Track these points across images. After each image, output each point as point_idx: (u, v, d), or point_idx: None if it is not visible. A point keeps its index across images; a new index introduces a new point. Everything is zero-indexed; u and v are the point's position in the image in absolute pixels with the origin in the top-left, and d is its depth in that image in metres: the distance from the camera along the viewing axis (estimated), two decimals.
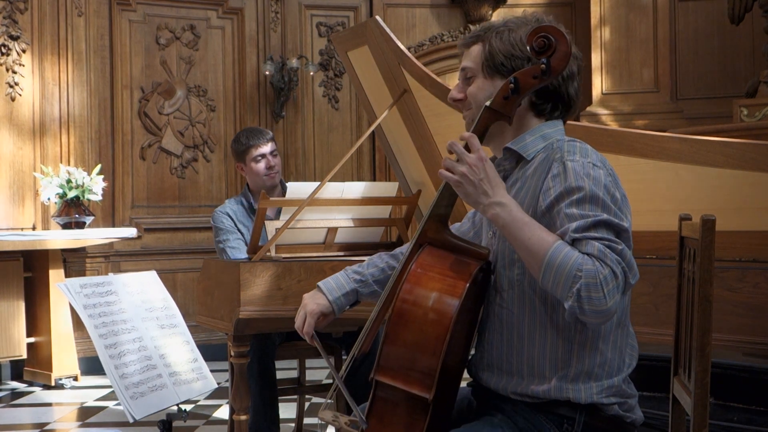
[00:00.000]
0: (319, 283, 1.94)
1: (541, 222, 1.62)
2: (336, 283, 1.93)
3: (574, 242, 1.53)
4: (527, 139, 1.74)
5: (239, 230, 3.54)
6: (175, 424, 2.56)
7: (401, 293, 1.65)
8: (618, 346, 1.69)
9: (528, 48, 1.66)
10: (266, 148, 3.56)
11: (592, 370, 1.65)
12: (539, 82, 1.66)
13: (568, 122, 1.84)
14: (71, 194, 5.53)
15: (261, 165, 3.55)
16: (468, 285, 1.62)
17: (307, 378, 3.83)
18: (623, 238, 1.56)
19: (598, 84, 6.32)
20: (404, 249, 1.98)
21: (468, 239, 1.81)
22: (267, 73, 6.65)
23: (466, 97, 1.78)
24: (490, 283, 1.75)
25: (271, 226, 3.09)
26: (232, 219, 3.56)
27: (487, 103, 1.68)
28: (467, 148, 1.62)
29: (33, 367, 5.66)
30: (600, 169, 1.62)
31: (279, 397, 3.49)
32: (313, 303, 1.90)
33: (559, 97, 1.74)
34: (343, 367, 1.89)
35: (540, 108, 1.75)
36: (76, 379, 5.62)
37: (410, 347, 1.62)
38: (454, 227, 1.94)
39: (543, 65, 1.64)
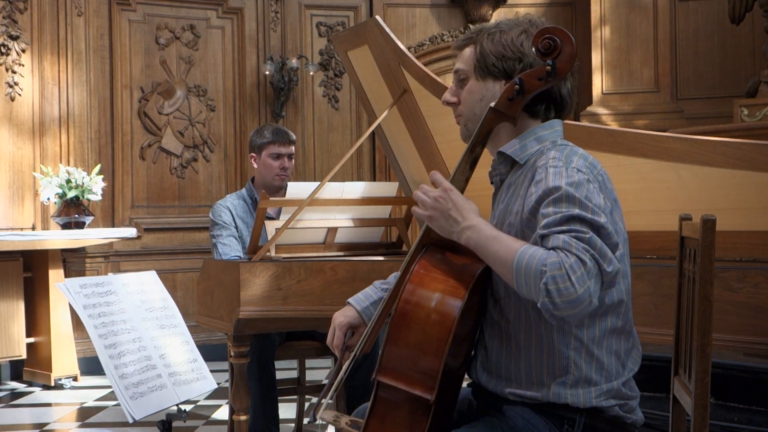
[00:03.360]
0: (348, 299, 1.94)
1: (527, 227, 1.62)
2: (363, 295, 1.93)
3: (542, 240, 1.53)
4: (521, 142, 1.73)
5: (236, 226, 3.54)
6: (175, 424, 2.56)
7: (404, 294, 1.65)
8: (614, 351, 1.68)
9: (533, 49, 1.66)
10: (287, 149, 3.59)
11: (591, 377, 1.65)
12: (544, 83, 1.65)
13: (568, 122, 1.84)
14: (71, 194, 5.53)
15: (276, 163, 3.57)
16: (471, 286, 1.62)
17: (307, 378, 3.83)
18: (602, 234, 1.52)
19: (598, 84, 6.32)
20: None
21: None
22: (267, 72, 6.65)
23: (459, 99, 1.80)
24: (489, 287, 1.75)
25: (271, 226, 3.08)
26: (231, 214, 3.56)
27: (492, 105, 1.68)
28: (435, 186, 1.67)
29: (32, 367, 5.66)
30: (583, 175, 1.59)
31: (279, 397, 3.49)
32: (341, 316, 1.89)
33: (551, 98, 1.74)
34: (345, 367, 1.88)
35: (533, 110, 1.74)
36: (75, 379, 5.61)
37: (412, 348, 1.62)
38: None
39: (548, 67, 1.63)
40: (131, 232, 5.86)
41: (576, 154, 1.65)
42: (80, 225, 5.60)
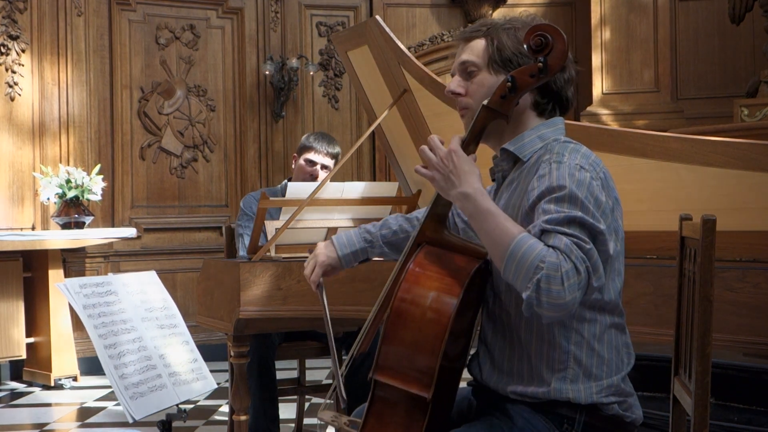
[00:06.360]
0: (333, 237, 1.99)
1: (525, 221, 1.62)
2: (347, 240, 1.98)
3: (543, 233, 1.52)
4: (524, 139, 1.74)
5: None
6: (175, 424, 2.56)
7: (399, 292, 1.64)
8: (614, 346, 1.69)
9: (524, 46, 1.66)
10: (323, 159, 3.63)
11: (591, 371, 1.65)
12: (536, 80, 1.65)
13: (568, 122, 1.84)
14: (71, 194, 5.53)
15: (308, 169, 3.63)
16: (466, 284, 1.62)
17: (307, 378, 3.83)
18: (599, 241, 1.54)
19: (599, 84, 6.31)
20: (419, 214, 2.01)
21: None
22: (267, 72, 6.65)
23: (467, 91, 1.78)
24: (489, 281, 1.75)
25: (271, 226, 3.08)
26: None
27: (485, 102, 1.68)
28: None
29: (32, 367, 5.66)
30: (587, 172, 1.60)
31: (279, 397, 3.49)
32: (323, 254, 1.95)
33: (559, 98, 1.76)
34: (343, 367, 1.88)
35: (542, 107, 1.75)
36: (75, 379, 5.61)
37: (409, 346, 1.62)
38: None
39: (540, 63, 1.64)
40: (131, 232, 5.86)
41: (579, 152, 1.66)
42: (80, 225, 5.60)
